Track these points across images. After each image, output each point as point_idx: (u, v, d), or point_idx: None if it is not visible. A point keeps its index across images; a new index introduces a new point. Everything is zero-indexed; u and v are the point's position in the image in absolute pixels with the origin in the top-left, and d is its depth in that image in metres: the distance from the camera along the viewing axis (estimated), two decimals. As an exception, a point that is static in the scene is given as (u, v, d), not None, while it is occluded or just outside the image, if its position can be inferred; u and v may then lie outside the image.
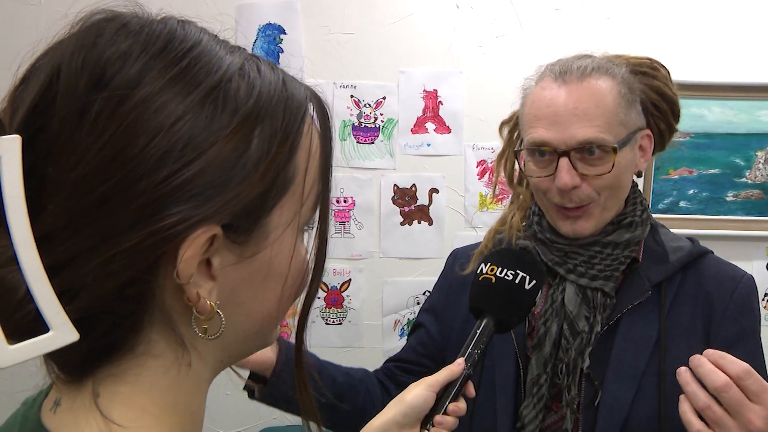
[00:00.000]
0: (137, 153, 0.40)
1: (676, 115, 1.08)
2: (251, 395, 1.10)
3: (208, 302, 0.44)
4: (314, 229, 0.50)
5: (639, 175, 1.08)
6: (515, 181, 1.19)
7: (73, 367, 0.43)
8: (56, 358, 0.43)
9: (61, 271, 0.39)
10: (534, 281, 0.92)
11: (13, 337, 0.37)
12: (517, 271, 0.92)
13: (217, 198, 0.42)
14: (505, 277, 0.92)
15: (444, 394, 0.86)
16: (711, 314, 1.01)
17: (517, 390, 1.06)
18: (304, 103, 0.48)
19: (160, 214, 0.40)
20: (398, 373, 1.23)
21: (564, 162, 0.98)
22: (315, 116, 0.49)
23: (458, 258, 1.24)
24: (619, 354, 1.00)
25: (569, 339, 1.01)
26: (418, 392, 0.86)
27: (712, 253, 1.10)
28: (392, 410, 0.86)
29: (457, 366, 0.87)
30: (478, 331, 0.89)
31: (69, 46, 0.42)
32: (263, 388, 1.07)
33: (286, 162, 0.46)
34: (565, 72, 1.02)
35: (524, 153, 1.08)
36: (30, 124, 0.40)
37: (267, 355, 1.05)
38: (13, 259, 0.37)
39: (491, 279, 0.93)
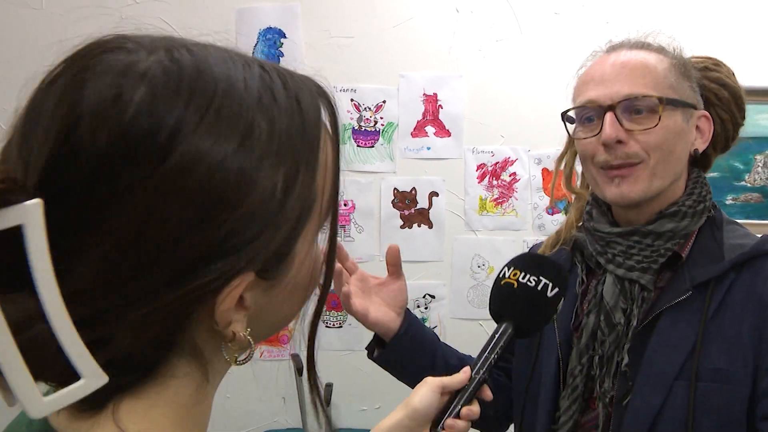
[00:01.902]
0: (173, 217, 0.39)
1: (740, 108, 1.06)
2: (370, 355, 1.18)
3: (243, 335, 0.44)
4: (325, 230, 0.51)
5: (695, 156, 1.04)
6: (573, 183, 1.17)
7: (93, 400, 0.42)
8: None
9: (93, 323, 0.39)
10: (557, 288, 0.90)
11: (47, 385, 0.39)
12: (540, 278, 0.90)
13: (250, 247, 0.42)
14: (528, 282, 0.90)
15: (457, 397, 0.86)
16: (764, 319, 0.92)
17: (557, 382, 1.06)
18: (318, 119, 0.47)
19: (196, 272, 0.40)
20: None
21: (609, 116, 0.97)
22: (325, 117, 0.49)
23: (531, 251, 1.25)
24: (652, 355, 0.96)
25: (605, 331, 1.00)
26: (423, 394, 0.86)
27: None
28: (400, 413, 0.87)
29: (463, 374, 0.88)
30: (497, 336, 0.89)
31: (84, 96, 0.39)
32: (381, 350, 1.13)
33: (309, 189, 0.46)
34: (617, 44, 1.04)
35: (575, 121, 1.07)
36: (49, 182, 0.38)
37: (393, 323, 1.11)
38: (43, 319, 0.37)
39: (513, 284, 0.91)
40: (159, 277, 0.40)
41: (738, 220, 1.06)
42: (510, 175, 2.45)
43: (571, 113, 1.06)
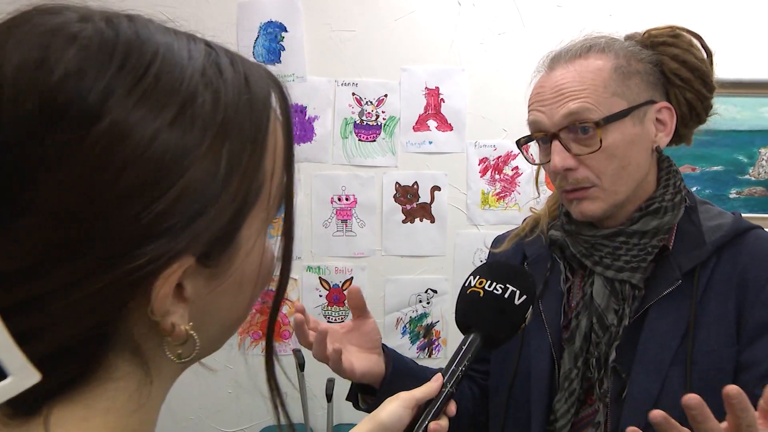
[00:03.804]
0: (104, 191, 0.36)
1: (705, 81, 1.02)
2: (356, 405, 1.09)
3: (183, 328, 0.41)
4: (280, 223, 0.47)
5: (659, 151, 1.03)
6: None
7: (23, 404, 0.39)
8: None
9: (20, 312, 0.36)
10: (524, 296, 0.85)
11: None
12: (507, 285, 0.86)
13: (189, 228, 0.39)
14: (494, 291, 0.86)
15: (425, 412, 0.80)
16: (744, 296, 0.95)
17: (551, 383, 1.04)
18: (268, 100, 0.44)
19: (131, 254, 0.37)
20: (472, 374, 1.20)
21: (555, 144, 0.98)
22: (275, 104, 0.45)
23: (496, 241, 1.23)
24: (646, 346, 0.97)
25: (599, 333, 1.00)
26: (393, 409, 0.80)
27: (761, 229, 1.01)
28: (365, 427, 0.80)
29: (435, 382, 0.82)
30: (464, 348, 0.84)
31: (8, 60, 0.36)
32: (372, 399, 1.04)
33: (255, 171, 0.42)
34: (555, 58, 1.02)
35: (531, 144, 1.07)
36: None
37: (378, 368, 1.03)
38: None
39: (479, 292, 0.86)
40: (91, 258, 0.36)
41: (742, 214, 1.05)
42: (512, 170, 2.45)
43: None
